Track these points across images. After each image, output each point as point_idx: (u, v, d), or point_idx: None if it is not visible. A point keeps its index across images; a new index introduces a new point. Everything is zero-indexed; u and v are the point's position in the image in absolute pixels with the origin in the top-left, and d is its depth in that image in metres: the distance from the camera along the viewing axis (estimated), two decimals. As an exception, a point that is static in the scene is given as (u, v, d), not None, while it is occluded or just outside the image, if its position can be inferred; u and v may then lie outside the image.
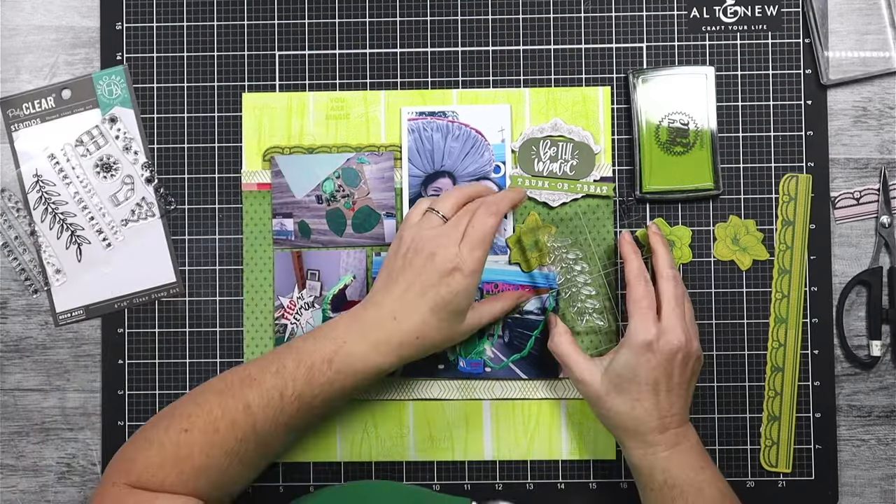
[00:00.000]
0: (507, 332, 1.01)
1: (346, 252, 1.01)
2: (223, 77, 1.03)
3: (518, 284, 1.00)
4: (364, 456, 1.01)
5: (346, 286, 1.01)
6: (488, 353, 1.01)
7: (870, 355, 1.01)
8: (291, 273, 1.01)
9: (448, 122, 1.01)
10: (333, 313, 1.01)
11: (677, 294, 0.91)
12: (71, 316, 1.02)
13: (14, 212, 1.02)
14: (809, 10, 1.01)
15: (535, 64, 1.02)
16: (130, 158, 1.02)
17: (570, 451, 1.01)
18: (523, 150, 1.01)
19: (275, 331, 1.01)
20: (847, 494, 1.01)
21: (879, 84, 1.02)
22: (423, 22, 1.03)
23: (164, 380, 1.02)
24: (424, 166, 1.01)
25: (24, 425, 1.02)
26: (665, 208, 1.01)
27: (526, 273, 1.01)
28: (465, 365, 1.01)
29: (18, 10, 1.04)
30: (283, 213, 1.01)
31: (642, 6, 1.02)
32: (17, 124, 1.02)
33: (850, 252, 1.01)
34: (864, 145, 1.02)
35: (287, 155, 1.01)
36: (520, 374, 1.01)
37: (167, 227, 1.02)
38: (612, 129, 1.01)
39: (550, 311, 1.00)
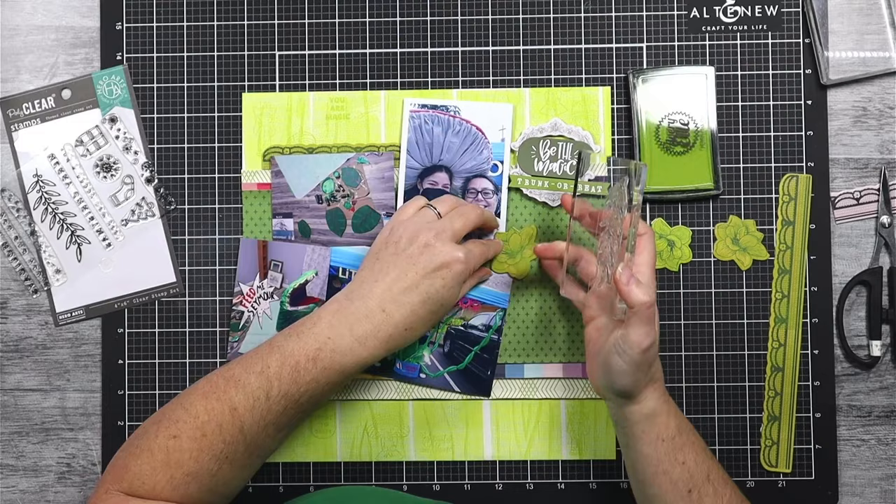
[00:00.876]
0: (448, 343, 1.01)
1: (312, 247, 1.01)
2: (223, 77, 1.03)
3: (469, 298, 1.00)
4: (364, 456, 1.01)
5: (308, 282, 1.01)
6: (426, 359, 1.01)
7: (870, 355, 1.01)
8: (255, 261, 1.01)
9: (449, 117, 1.01)
10: (291, 307, 1.01)
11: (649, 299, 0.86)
12: (71, 316, 1.02)
13: (14, 212, 1.02)
14: (809, 10, 1.01)
15: (535, 64, 1.02)
16: (130, 158, 1.02)
17: (570, 451, 1.01)
18: (523, 149, 1.01)
19: (231, 316, 1.01)
20: (847, 494, 1.01)
21: (879, 84, 1.02)
22: (423, 22, 1.03)
23: (164, 380, 1.02)
24: (423, 159, 1.01)
25: (24, 425, 1.02)
26: (665, 208, 1.01)
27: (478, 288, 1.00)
28: (402, 367, 1.01)
29: (18, 10, 1.04)
30: (283, 213, 1.01)
31: (642, 6, 1.02)
32: (17, 124, 1.02)
33: (850, 252, 1.02)
34: (864, 145, 1.02)
35: (287, 155, 1.01)
36: (453, 385, 1.01)
37: (167, 227, 1.02)
38: (612, 129, 1.01)
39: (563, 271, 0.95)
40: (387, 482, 1.01)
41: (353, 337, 0.88)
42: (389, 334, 0.89)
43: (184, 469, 0.85)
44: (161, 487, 0.84)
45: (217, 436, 0.86)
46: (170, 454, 0.85)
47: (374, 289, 0.90)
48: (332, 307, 0.91)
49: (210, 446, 0.85)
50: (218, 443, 0.86)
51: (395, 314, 0.89)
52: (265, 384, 0.87)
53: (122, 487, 0.85)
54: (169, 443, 0.85)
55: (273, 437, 0.89)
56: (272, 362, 0.87)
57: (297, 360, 0.87)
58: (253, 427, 0.87)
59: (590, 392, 1.01)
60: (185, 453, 0.85)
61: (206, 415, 0.86)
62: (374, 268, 0.92)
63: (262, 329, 1.00)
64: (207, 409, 0.86)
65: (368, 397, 1.01)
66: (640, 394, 0.88)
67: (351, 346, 0.88)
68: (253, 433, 0.87)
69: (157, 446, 0.85)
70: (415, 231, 0.91)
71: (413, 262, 0.90)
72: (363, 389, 1.01)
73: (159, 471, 0.85)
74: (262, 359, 0.88)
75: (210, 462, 0.85)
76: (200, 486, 0.86)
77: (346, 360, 0.88)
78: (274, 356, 0.88)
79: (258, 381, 0.87)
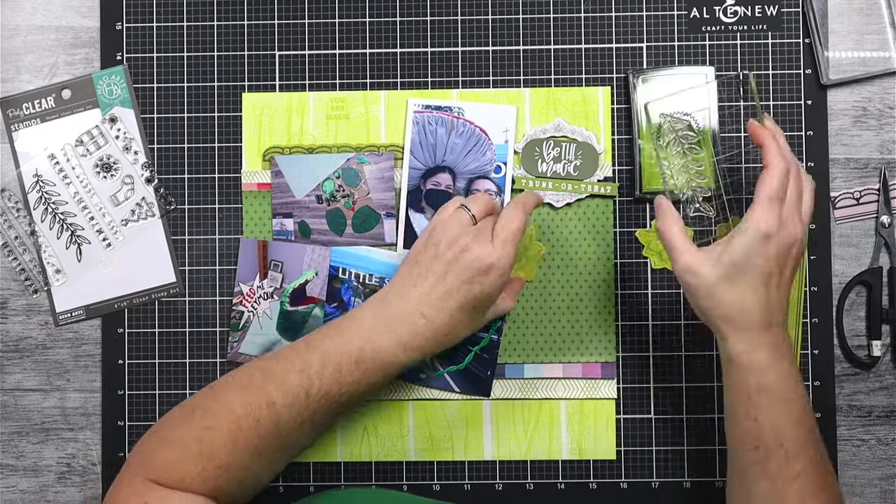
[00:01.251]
0: None
1: (312, 248, 1.01)
2: (223, 77, 1.03)
3: None
4: (364, 456, 1.01)
5: (308, 282, 1.01)
6: (426, 359, 1.00)
7: (870, 355, 1.01)
8: (255, 261, 1.01)
9: (453, 118, 1.01)
10: (291, 307, 1.01)
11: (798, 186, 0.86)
12: (71, 316, 1.02)
13: (14, 212, 1.02)
14: (809, 10, 1.01)
15: (535, 64, 1.02)
16: (130, 158, 1.02)
17: (570, 451, 1.01)
18: (526, 151, 1.01)
19: (231, 316, 1.01)
20: (847, 494, 1.01)
21: (879, 84, 1.02)
22: (423, 22, 1.03)
23: (164, 380, 1.02)
24: (426, 160, 1.01)
25: (24, 425, 1.02)
26: (665, 208, 1.01)
27: None
28: None
29: (18, 10, 1.04)
30: (283, 213, 1.01)
31: (642, 6, 1.02)
32: (17, 124, 1.02)
33: (850, 252, 1.02)
34: (864, 145, 1.02)
35: (287, 155, 1.01)
36: (453, 385, 1.01)
37: (167, 227, 1.02)
38: (612, 129, 1.01)
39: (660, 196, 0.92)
40: (387, 482, 1.01)
41: (395, 338, 0.88)
42: (428, 338, 0.89)
43: (216, 461, 0.84)
44: (191, 479, 0.84)
45: (253, 430, 0.85)
46: (203, 445, 0.84)
47: (413, 292, 0.90)
48: (372, 308, 0.90)
49: (245, 440, 0.85)
50: (253, 437, 0.85)
51: (436, 319, 0.89)
52: (306, 382, 0.87)
53: (150, 476, 0.84)
54: (203, 434, 0.85)
55: (308, 434, 0.89)
56: (313, 361, 0.87)
57: (340, 361, 0.87)
58: (289, 424, 0.86)
59: (590, 392, 1.01)
60: (220, 446, 0.84)
61: (242, 409, 0.86)
62: (413, 271, 0.91)
63: (262, 329, 1.00)
64: (244, 403, 0.86)
65: (369, 397, 1.01)
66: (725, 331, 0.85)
67: (392, 348, 0.88)
68: (289, 430, 0.87)
69: (190, 437, 0.85)
70: (452, 234, 0.90)
71: (450, 267, 0.89)
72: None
73: (191, 462, 0.84)
74: (300, 356, 0.88)
75: (243, 456, 0.85)
76: (230, 478, 0.85)
77: (388, 361, 0.88)
78: (314, 354, 0.88)
79: (298, 379, 0.87)
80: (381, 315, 0.89)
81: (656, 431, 1.01)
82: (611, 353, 1.01)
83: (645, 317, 1.01)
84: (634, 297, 1.01)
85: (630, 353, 1.01)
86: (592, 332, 1.01)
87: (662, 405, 1.01)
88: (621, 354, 1.01)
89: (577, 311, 1.01)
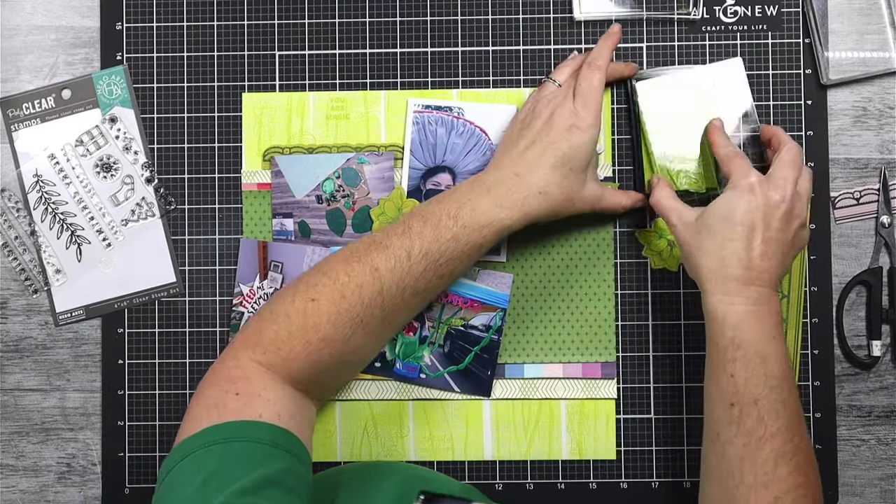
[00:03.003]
0: (448, 343, 1.01)
1: (312, 248, 1.01)
2: (223, 77, 1.03)
3: (468, 298, 1.00)
4: (364, 456, 1.01)
5: None
6: (426, 359, 1.01)
7: (870, 355, 1.01)
8: (255, 262, 1.01)
9: (453, 118, 1.01)
10: None
11: (794, 159, 0.90)
12: (71, 316, 1.02)
13: (14, 212, 1.02)
14: (809, 10, 1.01)
15: (535, 64, 1.02)
16: (130, 158, 1.02)
17: (570, 451, 1.01)
18: None
19: (231, 317, 1.01)
20: (847, 494, 1.01)
21: (879, 84, 1.02)
22: (423, 22, 1.03)
23: (164, 380, 1.02)
24: (426, 160, 1.01)
25: (24, 425, 1.02)
26: (665, 208, 1.01)
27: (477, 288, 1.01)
28: (401, 367, 1.01)
29: (18, 10, 1.04)
30: (283, 213, 1.01)
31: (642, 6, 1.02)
32: (17, 124, 1.02)
33: (850, 252, 1.02)
34: (864, 145, 1.02)
35: (287, 155, 1.01)
36: (453, 385, 1.01)
37: (167, 227, 1.02)
38: (612, 129, 1.01)
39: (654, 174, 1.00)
40: (387, 482, 1.01)
41: (491, 198, 0.90)
42: (524, 196, 0.90)
43: (320, 333, 0.86)
44: (297, 353, 0.86)
45: (356, 298, 0.87)
46: (307, 318, 0.86)
47: (506, 158, 0.92)
48: (471, 179, 0.93)
49: (349, 309, 0.87)
50: (356, 305, 0.87)
51: (528, 177, 0.90)
52: (407, 243, 0.88)
53: (256, 354, 0.86)
54: (308, 305, 0.87)
55: (409, 302, 0.90)
56: (414, 223, 0.89)
57: (439, 218, 0.89)
58: (392, 288, 0.88)
59: (590, 392, 1.01)
60: (324, 317, 0.86)
61: (346, 276, 0.87)
62: (505, 143, 0.94)
63: (262, 329, 1.00)
64: (348, 271, 0.88)
65: (368, 397, 1.01)
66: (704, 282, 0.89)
67: (489, 207, 0.90)
68: (392, 295, 0.88)
69: (293, 310, 0.87)
70: (537, 106, 0.94)
71: (539, 134, 0.92)
72: (363, 389, 1.01)
73: (296, 335, 0.86)
74: (404, 221, 0.90)
75: (346, 326, 0.87)
76: (332, 352, 0.87)
77: (484, 219, 0.89)
78: (416, 218, 0.90)
79: (400, 241, 0.88)
80: (479, 181, 0.92)
81: (656, 431, 1.01)
82: (611, 353, 1.01)
83: (645, 317, 1.01)
84: (634, 297, 1.01)
85: (630, 353, 1.01)
86: (592, 332, 1.01)
87: (662, 405, 1.01)
88: (621, 354, 1.01)
89: (577, 311, 1.01)
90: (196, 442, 0.80)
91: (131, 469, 1.02)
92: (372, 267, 0.88)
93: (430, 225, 0.89)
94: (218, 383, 0.86)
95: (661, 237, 1.01)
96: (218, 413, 0.82)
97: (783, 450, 0.83)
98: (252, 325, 0.89)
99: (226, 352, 0.89)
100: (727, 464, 0.85)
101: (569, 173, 0.91)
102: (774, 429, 0.84)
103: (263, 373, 0.86)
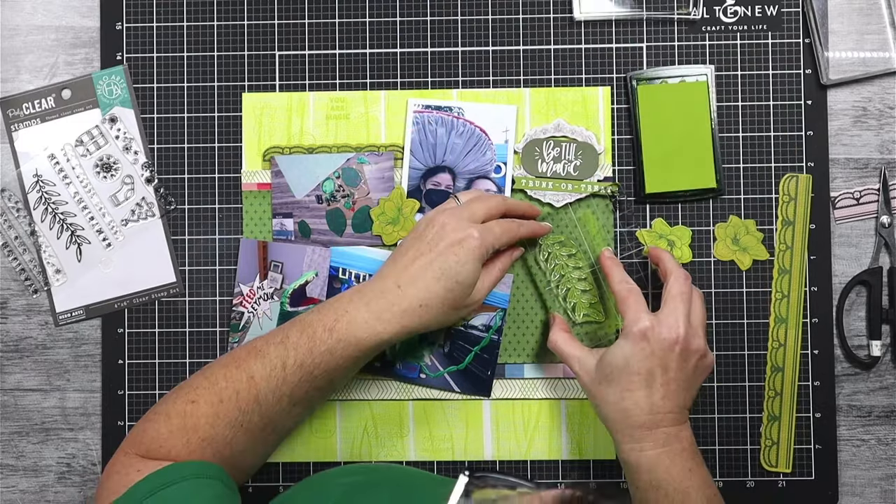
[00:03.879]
0: (448, 343, 1.01)
1: (312, 248, 1.01)
2: (223, 77, 1.03)
3: None
4: (364, 456, 1.01)
5: (308, 282, 1.01)
6: (426, 359, 1.01)
7: (870, 355, 1.01)
8: (255, 262, 1.01)
9: (453, 118, 1.01)
10: (291, 308, 1.01)
11: (683, 290, 0.90)
12: (71, 316, 1.02)
13: (14, 212, 1.02)
14: (809, 10, 1.01)
15: (535, 64, 1.02)
16: (130, 158, 1.02)
17: (570, 451, 1.01)
18: (527, 151, 1.01)
19: (231, 317, 1.02)
20: (847, 494, 1.01)
21: (879, 84, 1.02)
22: (423, 22, 1.03)
23: (164, 380, 1.02)
24: (426, 160, 1.01)
25: (24, 425, 1.02)
26: (665, 208, 1.01)
27: None
28: (401, 367, 1.01)
29: (18, 10, 1.04)
30: (283, 213, 1.01)
31: (642, 6, 1.02)
32: (17, 124, 1.02)
33: (850, 252, 1.02)
34: (864, 145, 1.02)
35: (287, 155, 1.01)
36: (453, 385, 1.01)
37: (167, 227, 1.02)
38: (612, 129, 1.01)
39: (552, 311, 1.00)
40: (387, 482, 1.01)
41: (369, 311, 0.89)
42: (404, 309, 0.89)
43: (199, 434, 0.86)
44: (177, 451, 0.86)
45: (233, 402, 0.87)
46: (186, 418, 0.87)
47: (392, 269, 0.91)
48: (354, 288, 0.92)
49: (226, 412, 0.87)
50: (234, 409, 0.87)
51: (409, 289, 0.89)
52: (283, 353, 0.88)
53: (140, 451, 0.87)
54: (187, 407, 0.87)
55: (288, 411, 0.90)
56: (292, 333, 0.89)
57: (315, 330, 0.88)
58: (268, 397, 0.88)
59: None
60: (202, 418, 0.87)
61: (224, 381, 0.88)
62: (395, 253, 0.93)
63: (262, 330, 1.00)
64: (227, 376, 0.88)
65: (368, 397, 1.01)
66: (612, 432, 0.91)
67: (366, 319, 0.88)
68: (268, 403, 0.88)
69: (174, 411, 0.87)
70: (433, 218, 0.92)
71: (428, 245, 0.90)
72: (363, 389, 1.01)
73: (175, 434, 0.86)
74: (283, 330, 0.90)
75: (225, 428, 0.87)
76: (215, 452, 0.87)
77: (361, 333, 0.88)
78: (295, 327, 0.89)
79: (276, 351, 0.88)
80: (361, 291, 0.91)
81: (656, 431, 1.01)
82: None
83: (645, 317, 1.01)
84: (634, 297, 1.01)
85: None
86: (589, 324, 1.01)
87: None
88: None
89: (578, 311, 1.01)
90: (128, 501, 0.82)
91: (131, 469, 1.02)
92: (248, 374, 0.88)
93: (305, 336, 0.88)
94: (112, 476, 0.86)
95: (661, 237, 1.01)
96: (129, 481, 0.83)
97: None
98: (136, 427, 0.90)
99: (115, 455, 0.89)
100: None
101: (453, 287, 0.89)
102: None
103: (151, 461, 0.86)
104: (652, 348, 0.87)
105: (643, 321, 0.88)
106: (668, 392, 0.88)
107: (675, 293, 0.90)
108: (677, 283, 0.91)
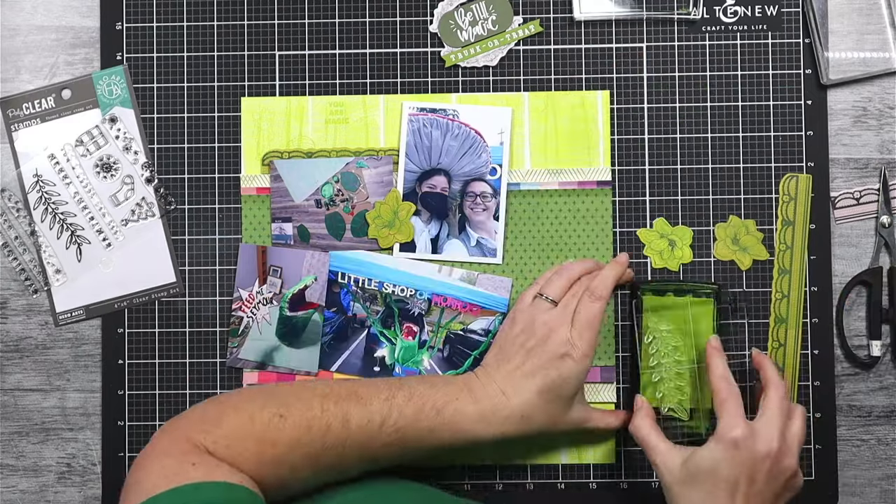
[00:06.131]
0: (447, 347, 1.01)
1: (311, 253, 1.01)
2: (223, 77, 1.03)
3: (467, 302, 1.00)
4: (364, 456, 1.01)
5: (307, 287, 1.01)
6: (425, 363, 1.01)
7: (870, 355, 1.01)
8: (254, 267, 1.01)
9: (448, 121, 1.01)
10: (290, 312, 1.01)
11: (782, 406, 0.89)
12: (71, 316, 1.02)
13: (14, 212, 1.02)
14: (809, 10, 1.01)
15: (535, 65, 1.02)
16: (130, 158, 1.02)
17: (569, 455, 1.01)
18: (443, 27, 1.01)
19: (230, 322, 1.02)
20: (847, 494, 1.01)
21: (879, 84, 1.02)
22: (423, 22, 1.02)
23: (164, 380, 1.02)
24: (421, 162, 1.01)
25: (24, 425, 1.03)
26: (665, 208, 1.01)
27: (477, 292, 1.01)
28: (401, 371, 1.01)
29: (18, 10, 1.04)
30: (283, 217, 1.01)
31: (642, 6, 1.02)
32: (17, 124, 1.02)
33: (850, 252, 1.01)
34: (864, 145, 1.02)
35: (286, 159, 1.01)
36: None
37: (167, 227, 1.02)
38: (611, 130, 1.01)
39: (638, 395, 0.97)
40: (387, 482, 1.01)
41: (477, 407, 0.89)
42: (506, 417, 0.89)
43: (276, 451, 0.84)
44: (245, 458, 0.83)
45: (320, 436, 0.85)
46: (269, 431, 0.84)
47: (498, 372, 0.92)
48: (464, 377, 0.92)
49: (310, 442, 0.85)
50: (318, 442, 0.85)
51: (514, 398, 0.90)
52: (386, 411, 0.87)
53: (206, 441, 0.83)
54: (273, 420, 0.84)
55: (360, 465, 0.89)
56: (399, 396, 0.88)
57: (424, 403, 0.88)
58: (354, 445, 0.86)
59: (589, 396, 1.00)
60: (286, 437, 0.84)
61: (319, 411, 0.86)
62: (497, 356, 0.93)
63: (261, 334, 1.00)
64: (323, 408, 0.86)
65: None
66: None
67: (472, 416, 0.89)
68: (352, 450, 0.87)
69: (259, 418, 0.84)
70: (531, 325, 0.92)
71: (530, 356, 0.91)
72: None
73: (251, 441, 0.83)
74: (391, 388, 0.89)
75: (301, 457, 0.85)
76: (277, 475, 0.84)
77: (465, 426, 0.89)
78: (403, 391, 0.89)
79: (379, 406, 0.87)
80: (471, 384, 0.91)
81: (656, 432, 1.01)
82: (610, 357, 1.01)
83: (645, 317, 1.01)
84: (634, 298, 1.01)
85: (630, 356, 1.01)
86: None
87: (662, 406, 1.01)
88: (620, 355, 1.01)
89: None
90: None
91: (132, 469, 1.02)
92: (345, 415, 0.86)
93: (412, 405, 0.88)
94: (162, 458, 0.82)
95: (662, 237, 1.01)
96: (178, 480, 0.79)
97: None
98: (211, 410, 0.87)
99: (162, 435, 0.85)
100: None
101: (555, 399, 0.90)
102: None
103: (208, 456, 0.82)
104: (742, 457, 0.86)
105: (738, 429, 0.86)
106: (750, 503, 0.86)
107: (773, 405, 0.89)
108: (777, 394, 0.89)
